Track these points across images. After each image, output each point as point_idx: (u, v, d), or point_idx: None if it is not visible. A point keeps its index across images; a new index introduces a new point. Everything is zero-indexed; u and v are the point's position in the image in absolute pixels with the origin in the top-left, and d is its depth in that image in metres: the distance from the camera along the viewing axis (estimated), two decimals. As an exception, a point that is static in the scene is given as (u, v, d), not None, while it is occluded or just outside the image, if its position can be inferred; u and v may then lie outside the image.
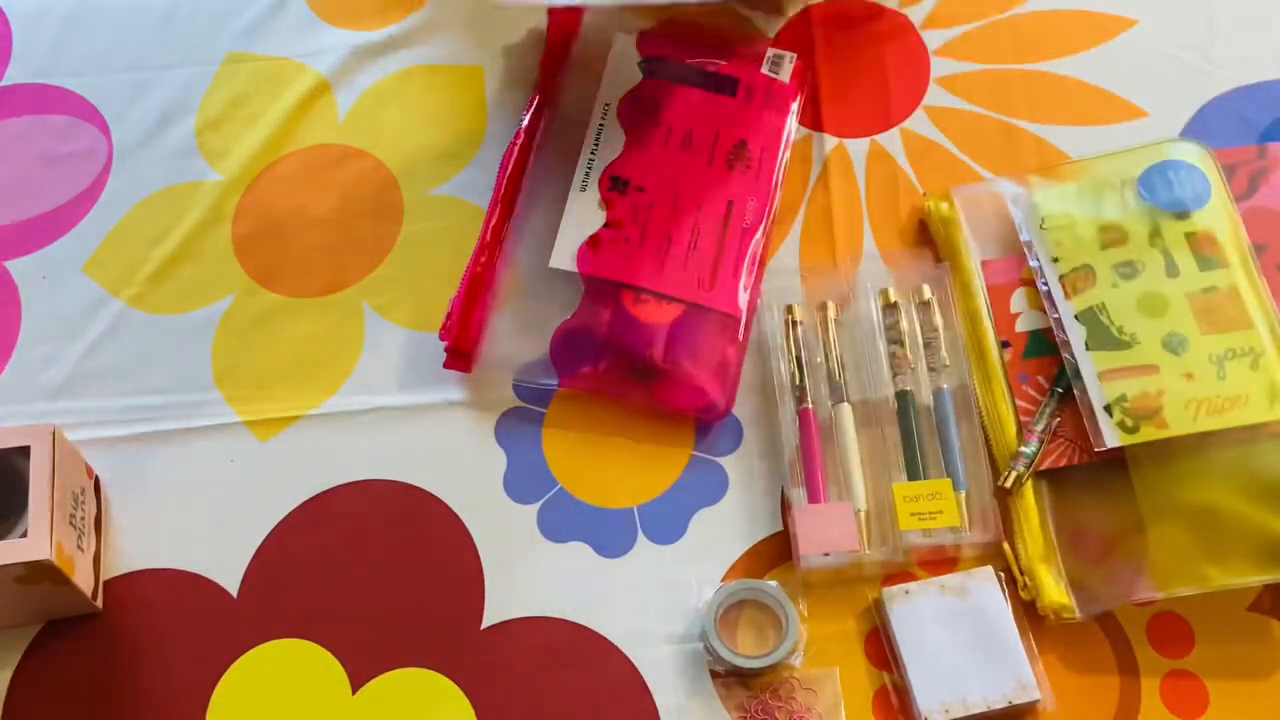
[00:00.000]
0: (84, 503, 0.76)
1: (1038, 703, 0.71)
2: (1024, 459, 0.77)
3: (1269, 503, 0.72)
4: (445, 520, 0.78)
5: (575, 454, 0.80)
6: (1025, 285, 0.82)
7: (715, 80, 0.90)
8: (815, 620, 0.75)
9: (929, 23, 0.95)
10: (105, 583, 0.77)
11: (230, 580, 0.77)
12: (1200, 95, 0.91)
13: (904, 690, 0.73)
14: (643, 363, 0.81)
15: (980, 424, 0.79)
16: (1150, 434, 0.74)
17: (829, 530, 0.75)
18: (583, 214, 0.85)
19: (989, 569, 0.75)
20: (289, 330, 0.85)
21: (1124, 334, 0.77)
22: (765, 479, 0.79)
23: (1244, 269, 0.78)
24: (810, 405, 0.80)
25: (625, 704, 0.73)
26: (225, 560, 0.77)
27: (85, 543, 0.75)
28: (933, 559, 0.77)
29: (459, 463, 0.80)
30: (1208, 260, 0.78)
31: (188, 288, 0.86)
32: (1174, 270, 0.79)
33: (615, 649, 0.75)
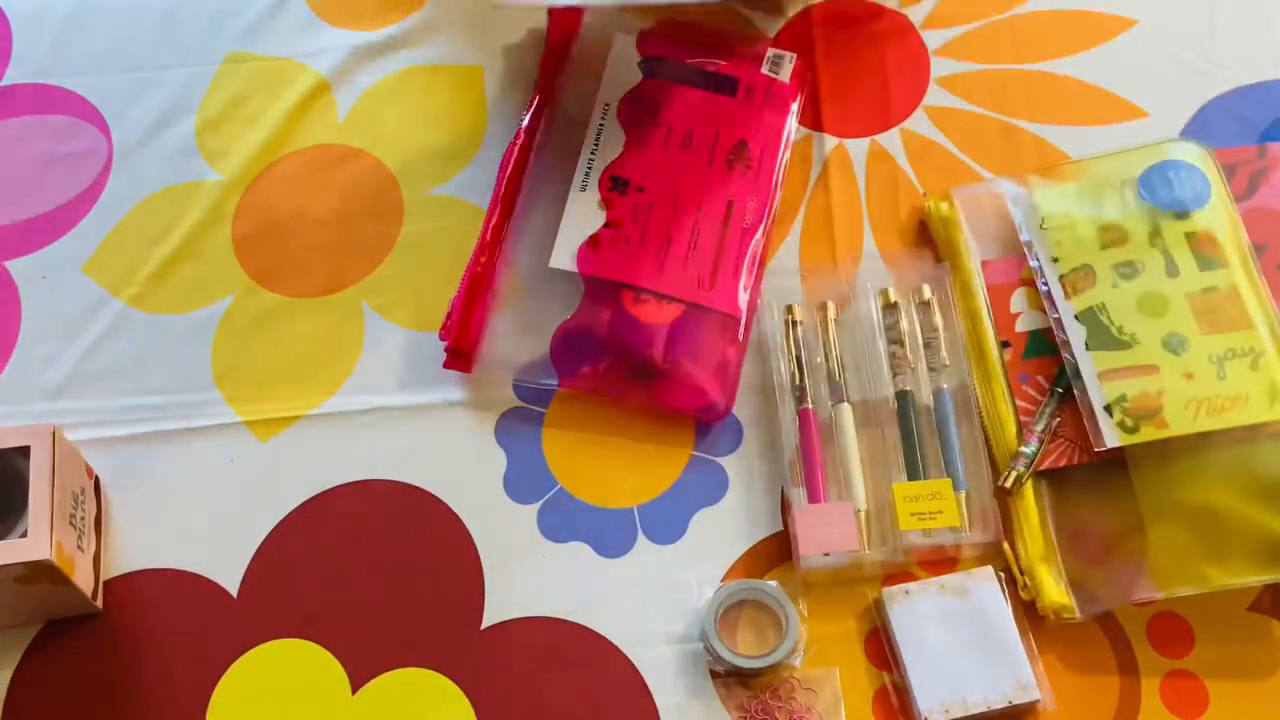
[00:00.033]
0: (84, 503, 0.76)
1: (1038, 703, 0.71)
2: (1024, 459, 0.77)
3: (1269, 503, 0.72)
4: (445, 520, 0.78)
5: (575, 454, 0.80)
6: (1025, 285, 0.82)
7: (715, 80, 0.90)
8: (815, 620, 0.75)
9: (929, 23, 0.95)
10: (105, 583, 0.77)
11: (230, 580, 0.77)
12: (1200, 95, 0.91)
13: (904, 690, 0.73)
14: (643, 363, 0.81)
15: (980, 424, 0.79)
16: (1150, 434, 0.74)
17: (829, 530, 0.75)
18: (583, 214, 0.85)
19: (989, 569, 0.75)
20: (289, 330, 0.85)
21: (1124, 334, 0.77)
22: (765, 479, 0.79)
23: (1244, 269, 0.78)
24: (810, 405, 0.80)
25: (625, 704, 0.73)
26: (225, 560, 0.77)
27: (85, 543, 0.75)
28: (933, 559, 0.76)
29: (459, 463, 0.80)
30: (1208, 260, 0.78)
31: (188, 288, 0.86)
32: (1174, 270, 0.79)
33: (615, 649, 0.75)
